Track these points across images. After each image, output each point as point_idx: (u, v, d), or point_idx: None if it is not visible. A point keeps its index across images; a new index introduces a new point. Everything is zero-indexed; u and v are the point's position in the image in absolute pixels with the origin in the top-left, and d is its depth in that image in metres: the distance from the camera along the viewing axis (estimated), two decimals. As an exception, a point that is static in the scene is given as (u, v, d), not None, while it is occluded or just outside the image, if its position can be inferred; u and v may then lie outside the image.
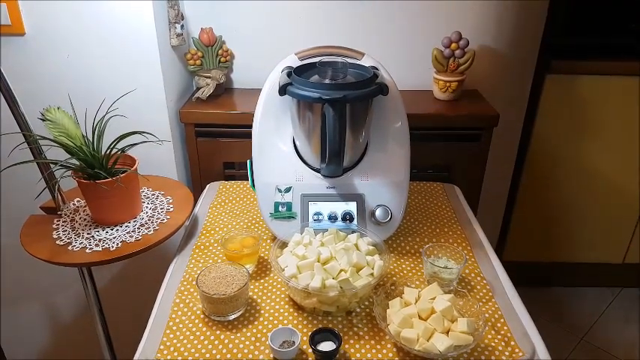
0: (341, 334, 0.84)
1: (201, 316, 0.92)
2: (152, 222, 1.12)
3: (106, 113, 1.07)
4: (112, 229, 1.10)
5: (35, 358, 1.79)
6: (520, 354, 0.84)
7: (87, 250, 1.03)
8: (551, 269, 2.12)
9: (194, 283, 0.97)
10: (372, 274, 0.91)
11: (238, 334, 0.88)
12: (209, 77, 1.48)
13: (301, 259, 0.91)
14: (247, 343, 0.86)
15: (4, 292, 1.63)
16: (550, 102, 1.72)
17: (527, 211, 1.97)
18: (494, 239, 2.00)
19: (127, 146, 1.09)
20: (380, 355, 0.83)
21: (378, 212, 1.07)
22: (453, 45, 1.45)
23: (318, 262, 0.91)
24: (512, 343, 0.86)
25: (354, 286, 0.87)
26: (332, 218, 1.06)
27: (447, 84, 1.48)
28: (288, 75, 1.04)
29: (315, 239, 0.98)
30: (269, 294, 0.97)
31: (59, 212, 1.16)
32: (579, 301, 2.10)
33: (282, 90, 1.00)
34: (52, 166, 1.08)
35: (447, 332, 0.83)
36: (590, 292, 2.13)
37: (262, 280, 1.01)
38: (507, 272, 1.05)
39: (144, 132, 1.09)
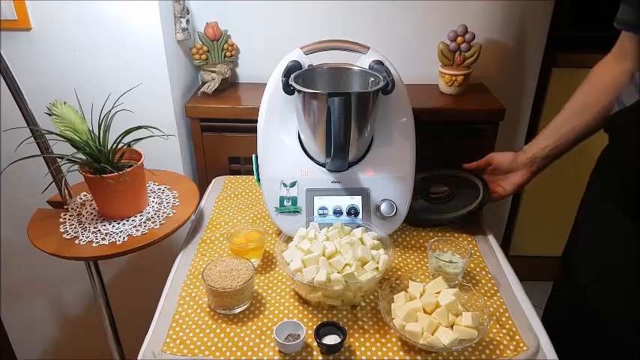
0: (346, 328, 0.85)
1: (207, 309, 0.93)
2: (158, 216, 1.13)
3: (112, 108, 1.08)
4: (118, 223, 1.10)
5: (43, 351, 1.81)
6: (525, 348, 0.84)
7: (93, 244, 1.04)
8: (557, 263, 2.11)
9: (200, 276, 0.97)
10: (376, 269, 0.91)
11: (244, 328, 0.88)
12: (214, 72, 1.48)
13: (306, 254, 0.92)
14: (253, 336, 0.87)
15: (11, 286, 1.65)
16: (557, 95, 1.71)
17: (534, 205, 1.96)
18: (499, 233, 1.99)
19: (132, 141, 1.10)
20: (384, 349, 0.84)
21: (383, 207, 1.07)
22: (459, 39, 1.44)
23: (323, 256, 0.91)
24: (517, 337, 0.86)
25: (358, 280, 0.87)
26: (337, 213, 1.06)
27: (453, 78, 1.47)
28: (292, 70, 1.04)
29: (320, 233, 0.99)
30: (274, 288, 0.98)
31: (66, 206, 1.17)
32: (585, 296, 2.09)
33: (287, 86, 1.00)
34: (58, 160, 1.08)
35: (452, 326, 0.83)
36: (596, 287, 2.12)
37: (267, 274, 1.01)
38: (512, 266, 1.05)
39: (150, 126, 1.09)
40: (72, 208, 1.16)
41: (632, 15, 0.84)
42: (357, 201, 1.07)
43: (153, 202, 1.18)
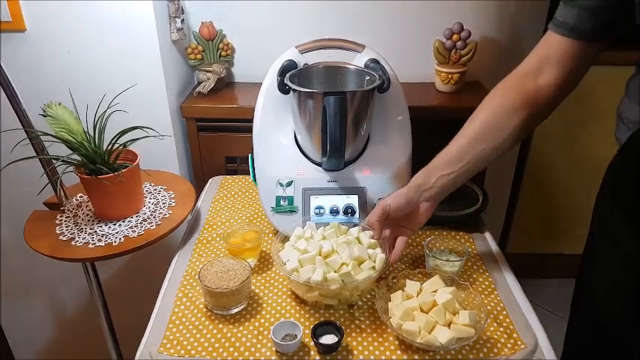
0: (343, 327, 0.84)
1: (204, 309, 0.92)
2: (154, 217, 1.13)
3: (107, 108, 1.07)
4: (114, 224, 1.10)
5: (40, 351, 1.80)
6: (522, 346, 0.84)
7: (90, 246, 1.04)
8: (555, 261, 2.12)
9: (196, 277, 0.97)
10: (373, 267, 0.91)
11: (241, 328, 0.88)
12: (210, 71, 1.48)
13: (303, 253, 0.91)
14: (250, 336, 0.86)
15: (9, 286, 1.64)
16: (553, 93, 1.71)
17: (531, 202, 1.97)
18: (497, 231, 2.00)
19: (128, 141, 1.09)
20: (382, 348, 0.84)
21: (379, 205, 1.06)
22: (455, 36, 1.44)
23: (320, 255, 0.91)
24: (515, 335, 0.86)
25: (355, 280, 0.87)
26: (334, 212, 1.06)
27: (449, 76, 1.47)
28: (287, 70, 1.04)
29: (316, 233, 0.98)
30: (271, 287, 0.98)
31: (62, 208, 1.16)
32: (583, 293, 2.09)
33: (282, 85, 1.00)
34: (53, 161, 1.08)
35: (449, 325, 0.83)
36: (594, 284, 2.12)
37: (264, 274, 1.01)
38: (510, 264, 1.05)
39: (145, 127, 1.09)
40: (68, 210, 1.16)
41: (571, 17, 0.77)
42: (353, 200, 1.07)
43: (149, 202, 1.18)
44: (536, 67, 0.83)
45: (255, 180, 1.11)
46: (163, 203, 1.18)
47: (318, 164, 1.08)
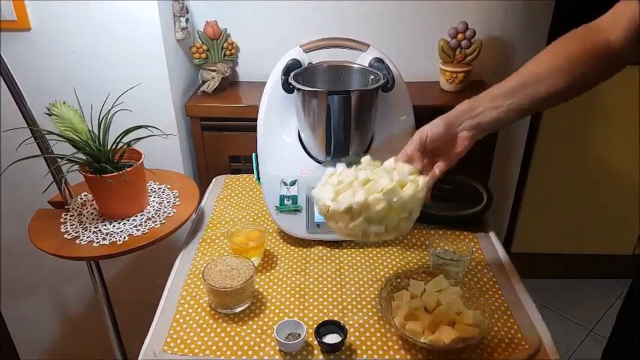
0: (346, 327, 0.84)
1: (208, 308, 0.93)
2: (159, 215, 1.13)
3: (112, 107, 1.08)
4: (119, 223, 1.10)
5: (45, 350, 1.81)
6: (527, 346, 0.83)
7: (94, 244, 1.04)
8: (560, 261, 2.11)
9: (200, 276, 0.97)
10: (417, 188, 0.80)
11: (244, 327, 0.88)
12: (214, 71, 1.48)
13: (338, 185, 0.81)
14: (253, 335, 0.86)
15: (13, 284, 1.65)
16: (558, 92, 1.70)
17: (536, 202, 1.96)
18: (502, 231, 1.99)
19: (132, 140, 1.10)
20: (385, 348, 0.83)
21: (383, 205, 1.06)
22: (460, 35, 1.44)
23: (357, 180, 0.81)
24: (519, 335, 0.86)
25: (401, 195, 0.77)
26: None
27: (454, 75, 1.47)
28: (291, 69, 1.04)
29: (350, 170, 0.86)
30: (275, 287, 0.98)
31: (67, 206, 1.17)
32: (588, 293, 2.09)
33: (286, 84, 1.00)
34: (58, 160, 1.08)
35: (453, 325, 0.82)
36: (599, 284, 2.12)
37: (268, 273, 1.01)
38: (515, 264, 1.04)
39: (149, 126, 1.09)
40: (72, 208, 1.16)
41: None
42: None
43: (153, 201, 1.18)
44: (610, 24, 0.79)
45: (259, 179, 1.11)
46: (167, 202, 1.18)
47: (322, 163, 1.08)
